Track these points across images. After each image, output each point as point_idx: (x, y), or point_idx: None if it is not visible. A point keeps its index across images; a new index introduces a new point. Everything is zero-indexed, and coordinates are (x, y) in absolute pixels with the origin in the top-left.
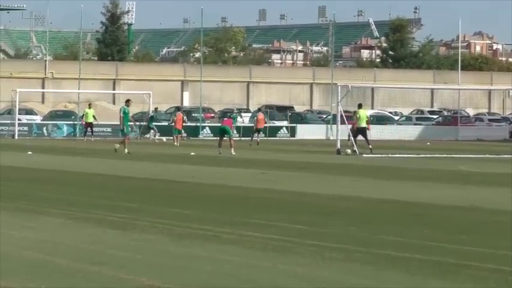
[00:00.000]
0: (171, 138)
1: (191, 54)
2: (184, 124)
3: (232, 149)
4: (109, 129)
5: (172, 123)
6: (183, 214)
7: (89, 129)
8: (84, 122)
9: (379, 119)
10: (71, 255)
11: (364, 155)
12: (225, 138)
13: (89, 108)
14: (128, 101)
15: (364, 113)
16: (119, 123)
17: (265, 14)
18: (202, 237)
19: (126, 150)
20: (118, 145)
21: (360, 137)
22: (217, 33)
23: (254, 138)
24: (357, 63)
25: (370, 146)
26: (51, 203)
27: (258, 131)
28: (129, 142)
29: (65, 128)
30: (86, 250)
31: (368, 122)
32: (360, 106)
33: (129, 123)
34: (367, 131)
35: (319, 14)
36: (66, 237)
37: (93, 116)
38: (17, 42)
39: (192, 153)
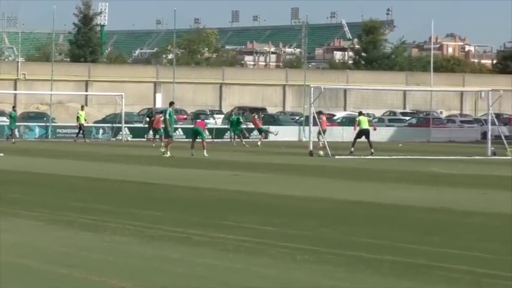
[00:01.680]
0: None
1: (164, 56)
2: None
3: (205, 150)
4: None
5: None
6: (154, 216)
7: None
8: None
9: (352, 121)
10: (43, 258)
11: (336, 157)
12: (197, 139)
13: (82, 110)
14: (172, 104)
15: (365, 118)
16: (163, 125)
17: (238, 15)
18: (174, 239)
19: (169, 154)
20: (164, 149)
21: (363, 139)
22: (190, 35)
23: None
24: (330, 64)
25: (372, 150)
26: (23, 205)
27: (260, 131)
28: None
29: (37, 130)
30: (57, 252)
31: (371, 124)
32: (360, 113)
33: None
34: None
35: (292, 16)
36: (37, 239)
37: (84, 118)
38: None
39: (165, 155)
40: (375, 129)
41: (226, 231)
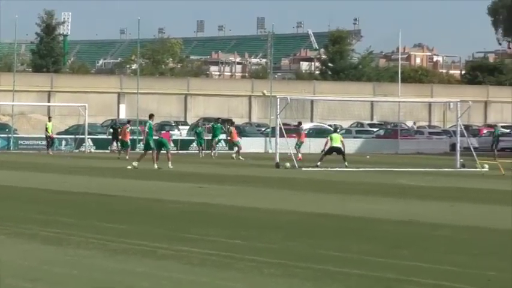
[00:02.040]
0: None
1: (128, 66)
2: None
3: (170, 162)
4: (44, 142)
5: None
6: (118, 229)
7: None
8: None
9: (319, 132)
10: (5, 271)
11: (303, 169)
12: (162, 151)
13: (49, 121)
14: (151, 116)
15: (338, 136)
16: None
17: (203, 25)
18: (139, 253)
19: (156, 166)
20: (136, 163)
21: (334, 155)
22: (154, 45)
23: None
24: (296, 75)
25: (346, 163)
26: None
27: (235, 144)
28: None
29: None
30: (20, 266)
31: (343, 145)
32: (335, 130)
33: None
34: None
35: (258, 25)
36: None
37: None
38: None
39: (129, 167)
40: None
41: (192, 245)
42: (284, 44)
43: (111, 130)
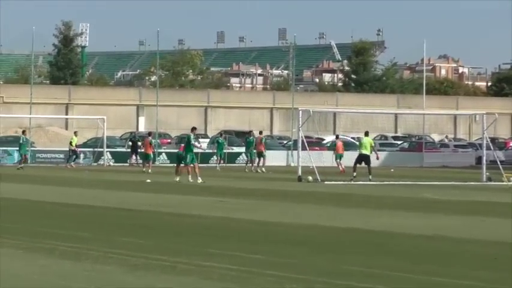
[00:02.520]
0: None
1: (147, 78)
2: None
3: (190, 175)
4: (61, 156)
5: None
6: (138, 244)
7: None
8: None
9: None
10: (22, 286)
11: (325, 182)
12: (182, 164)
13: (75, 135)
14: (194, 129)
15: (368, 140)
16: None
17: (223, 36)
18: (159, 268)
19: (190, 179)
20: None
21: (363, 164)
22: (174, 56)
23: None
24: (319, 87)
25: (370, 176)
26: (1, 233)
27: (260, 155)
28: (190, 171)
29: (15, 155)
30: (37, 281)
31: (374, 149)
32: (366, 134)
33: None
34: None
35: (279, 37)
36: (17, 267)
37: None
38: None
39: (148, 180)
40: (377, 159)
41: (212, 259)
42: (306, 56)
43: (130, 143)
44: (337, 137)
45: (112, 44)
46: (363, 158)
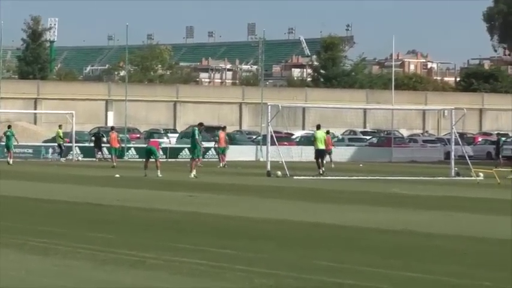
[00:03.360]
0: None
1: (116, 73)
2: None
3: (159, 170)
4: (30, 151)
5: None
6: (107, 239)
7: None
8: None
9: (311, 140)
10: None
11: (294, 177)
12: (151, 159)
13: (59, 128)
14: (201, 125)
15: (321, 134)
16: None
17: (192, 31)
18: (128, 263)
19: (193, 174)
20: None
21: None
22: (143, 51)
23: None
24: (288, 82)
25: (321, 170)
26: None
27: (222, 151)
28: (198, 165)
29: None
30: (6, 276)
31: (330, 143)
32: (318, 127)
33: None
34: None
35: (248, 32)
36: None
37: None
38: None
39: (117, 175)
40: (327, 150)
41: (181, 254)
42: (275, 51)
43: (93, 138)
44: (327, 132)
45: (81, 38)
46: (320, 153)
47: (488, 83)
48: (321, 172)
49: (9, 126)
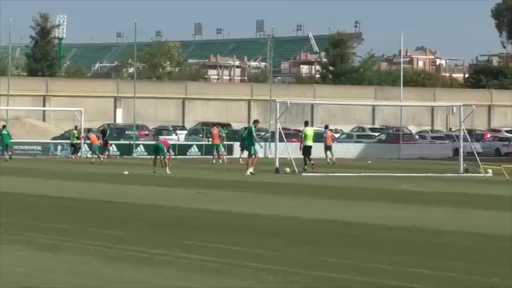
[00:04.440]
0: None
1: (124, 70)
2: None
3: (168, 167)
4: (39, 148)
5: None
6: (115, 235)
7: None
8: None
9: (319, 137)
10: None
11: (303, 174)
12: (159, 156)
13: (75, 129)
14: (256, 122)
15: (311, 131)
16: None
17: (201, 28)
18: (136, 260)
19: (250, 171)
20: (251, 169)
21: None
22: (151, 48)
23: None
24: (296, 79)
25: (306, 167)
26: None
27: (217, 147)
28: (254, 162)
29: None
30: (14, 273)
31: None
32: (306, 124)
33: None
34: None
35: (257, 28)
36: None
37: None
38: None
39: (126, 172)
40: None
41: (190, 251)
42: (284, 47)
43: (101, 134)
44: (326, 127)
45: (89, 35)
46: (308, 149)
47: (496, 80)
48: (305, 169)
49: (4, 126)
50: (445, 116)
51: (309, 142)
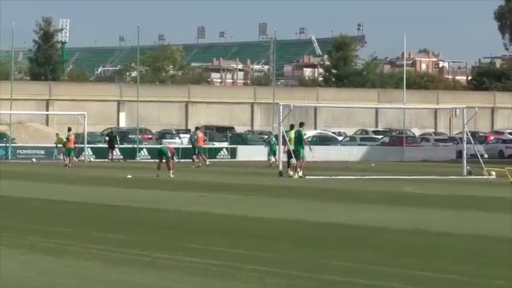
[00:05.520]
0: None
1: (127, 74)
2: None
3: (171, 171)
4: (42, 152)
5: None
6: (119, 239)
7: None
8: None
9: (323, 140)
10: (3, 283)
11: (306, 177)
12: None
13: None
14: (302, 124)
15: (295, 135)
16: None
17: (204, 31)
18: (140, 263)
19: (299, 174)
20: (299, 171)
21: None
22: (154, 52)
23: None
24: (299, 82)
25: (289, 170)
26: None
27: (203, 150)
28: (301, 165)
29: None
30: (18, 277)
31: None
32: (291, 127)
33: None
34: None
35: (259, 31)
36: None
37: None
38: None
39: (129, 176)
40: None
41: (194, 255)
42: (287, 50)
43: (107, 138)
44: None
45: (92, 39)
46: (291, 153)
47: (499, 82)
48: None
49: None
50: (448, 119)
51: (292, 146)
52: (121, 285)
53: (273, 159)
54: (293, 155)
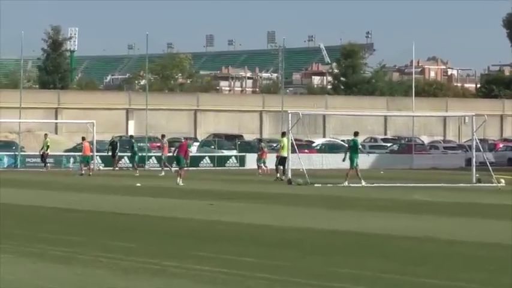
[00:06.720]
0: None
1: (136, 82)
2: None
3: (181, 179)
4: (51, 160)
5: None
6: (128, 247)
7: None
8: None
9: (331, 148)
10: None
11: (315, 185)
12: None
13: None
14: (357, 134)
15: (286, 142)
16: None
17: (212, 39)
18: (149, 272)
19: (364, 183)
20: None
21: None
22: (163, 60)
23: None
24: (308, 90)
25: (281, 176)
26: None
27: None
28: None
29: (5, 159)
30: (27, 285)
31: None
32: (283, 135)
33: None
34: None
35: (268, 40)
36: (6, 272)
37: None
38: None
39: (138, 184)
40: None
41: (203, 263)
42: (295, 58)
43: (110, 147)
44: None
45: (101, 48)
46: (281, 160)
47: (508, 89)
48: (282, 178)
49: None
50: (457, 126)
51: (285, 153)
52: None
53: (263, 167)
54: (349, 164)
